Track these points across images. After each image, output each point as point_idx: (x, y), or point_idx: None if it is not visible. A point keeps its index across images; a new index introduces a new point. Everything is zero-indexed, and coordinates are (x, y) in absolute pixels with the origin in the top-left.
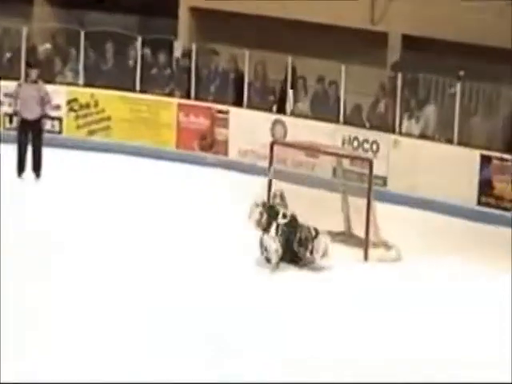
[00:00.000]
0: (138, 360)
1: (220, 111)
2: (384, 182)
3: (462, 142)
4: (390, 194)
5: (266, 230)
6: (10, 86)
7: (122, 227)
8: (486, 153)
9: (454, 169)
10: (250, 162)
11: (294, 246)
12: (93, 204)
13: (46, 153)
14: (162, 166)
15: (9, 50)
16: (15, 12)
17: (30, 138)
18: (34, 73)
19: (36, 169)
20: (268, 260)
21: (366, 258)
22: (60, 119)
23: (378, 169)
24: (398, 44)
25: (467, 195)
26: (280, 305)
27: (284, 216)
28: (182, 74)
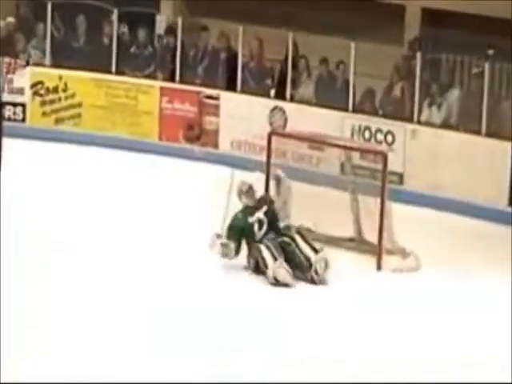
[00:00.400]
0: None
1: (209, 96)
2: (400, 179)
3: (491, 133)
4: (406, 192)
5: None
6: None
7: (97, 227)
8: None
9: (482, 163)
10: (243, 155)
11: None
12: (61, 202)
13: (7, 144)
14: (142, 159)
15: None
16: None
17: None
18: None
19: None
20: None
21: (379, 267)
22: (23, 105)
23: (393, 164)
24: (416, 18)
25: (497, 194)
26: (282, 310)
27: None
28: (165, 54)
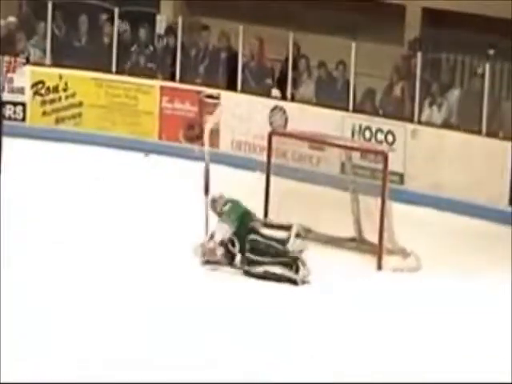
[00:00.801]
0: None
1: (210, 96)
2: (401, 178)
3: (492, 133)
4: (407, 192)
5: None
6: None
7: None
8: None
9: (482, 163)
10: (244, 155)
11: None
12: (61, 201)
13: (7, 143)
14: (142, 159)
15: None
16: None
17: None
18: None
19: None
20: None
21: (379, 266)
22: (23, 105)
23: (393, 163)
24: (417, 18)
25: (497, 194)
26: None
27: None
28: (165, 53)
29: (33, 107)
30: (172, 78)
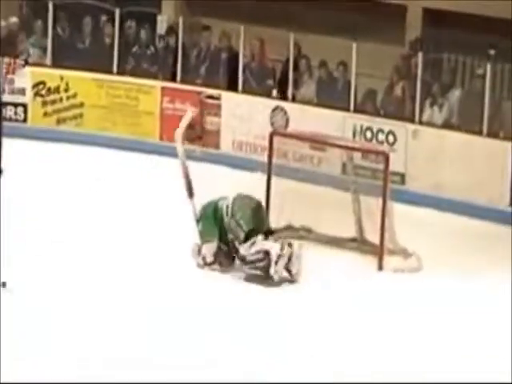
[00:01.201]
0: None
1: (210, 96)
2: (402, 179)
3: (493, 133)
4: (408, 193)
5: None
6: None
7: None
8: None
9: (483, 164)
10: (245, 155)
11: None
12: (62, 202)
13: (8, 144)
14: (143, 159)
15: None
16: None
17: None
18: None
19: None
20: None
21: (380, 267)
22: (24, 106)
23: (394, 164)
24: (417, 19)
25: (498, 195)
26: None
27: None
28: (166, 54)
29: (34, 108)
30: (173, 78)
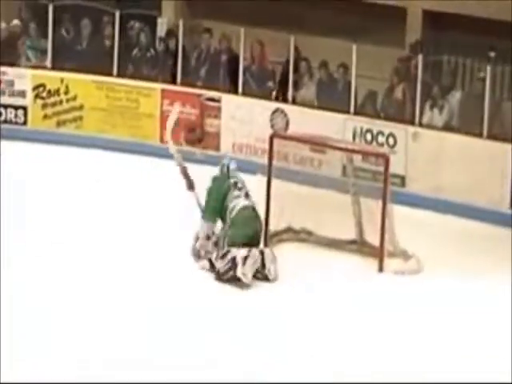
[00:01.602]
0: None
1: (211, 99)
2: (402, 181)
3: (493, 135)
4: (408, 195)
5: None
6: None
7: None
8: None
9: (484, 166)
10: (245, 157)
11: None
12: (62, 204)
13: (8, 146)
14: (143, 162)
15: None
16: None
17: None
18: None
19: None
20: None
21: (380, 269)
22: (25, 108)
23: (394, 166)
24: (418, 21)
25: (499, 197)
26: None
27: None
28: (166, 56)
29: (34, 110)
30: (173, 80)
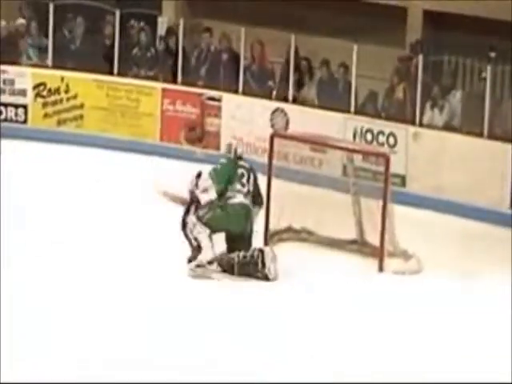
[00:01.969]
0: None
1: (211, 98)
2: (402, 181)
3: (493, 135)
4: (409, 195)
5: None
6: None
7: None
8: None
9: (484, 166)
10: (245, 157)
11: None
12: (62, 203)
13: (9, 145)
14: (143, 161)
15: None
16: None
17: None
18: None
19: None
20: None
21: (381, 269)
22: (25, 107)
23: (395, 166)
24: (418, 21)
25: (499, 197)
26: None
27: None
28: (166, 55)
29: (34, 109)
30: (174, 79)
